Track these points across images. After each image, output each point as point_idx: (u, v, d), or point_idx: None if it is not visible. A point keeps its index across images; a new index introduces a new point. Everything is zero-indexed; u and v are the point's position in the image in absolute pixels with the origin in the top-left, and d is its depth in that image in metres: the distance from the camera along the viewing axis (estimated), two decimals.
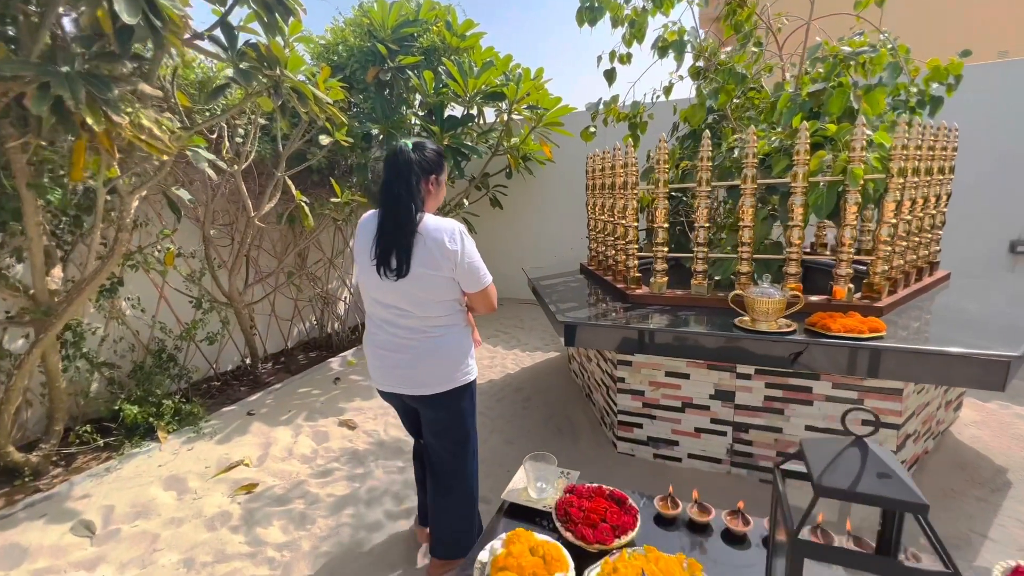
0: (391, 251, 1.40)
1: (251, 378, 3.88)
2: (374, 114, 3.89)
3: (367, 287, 1.53)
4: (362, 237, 1.51)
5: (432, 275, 1.43)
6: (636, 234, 2.49)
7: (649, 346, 2.02)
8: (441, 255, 1.42)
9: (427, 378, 1.51)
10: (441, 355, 1.52)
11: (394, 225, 1.40)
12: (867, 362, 1.68)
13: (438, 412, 1.57)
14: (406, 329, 1.50)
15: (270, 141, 3.45)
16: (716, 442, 2.31)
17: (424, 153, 1.47)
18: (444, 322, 1.52)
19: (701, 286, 2.30)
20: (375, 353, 1.57)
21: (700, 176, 2.23)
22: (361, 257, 1.50)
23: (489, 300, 1.58)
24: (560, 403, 3.17)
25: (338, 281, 4.96)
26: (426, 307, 1.48)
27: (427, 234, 1.42)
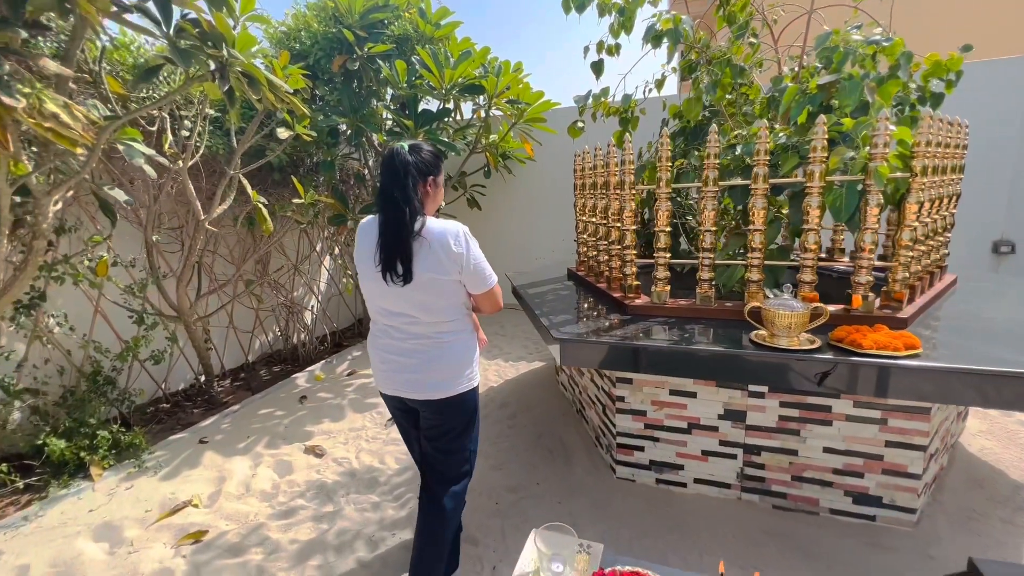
0: (395, 257, 1.37)
1: (206, 398, 3.50)
2: (341, 107, 3.56)
3: (372, 295, 1.50)
4: (363, 243, 1.47)
5: (439, 279, 1.41)
6: (634, 238, 2.27)
7: (658, 365, 1.80)
8: (447, 258, 1.40)
9: (435, 383, 1.49)
10: (449, 360, 1.50)
11: (396, 230, 1.37)
12: (906, 384, 1.50)
13: (442, 416, 1.55)
14: (413, 335, 1.48)
15: (223, 135, 3.08)
16: (725, 466, 2.12)
17: (421, 155, 1.44)
18: (452, 327, 1.51)
19: (707, 296, 2.10)
20: (381, 357, 1.54)
21: (706, 175, 2.02)
22: (363, 264, 1.47)
23: (495, 300, 1.57)
24: (549, 420, 2.93)
25: (304, 289, 4.60)
26: (434, 312, 1.46)
27: (431, 238, 1.39)
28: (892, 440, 1.85)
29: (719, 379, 1.94)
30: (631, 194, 2.23)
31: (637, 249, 2.30)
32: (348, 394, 3.51)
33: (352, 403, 3.36)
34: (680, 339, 1.83)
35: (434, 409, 1.53)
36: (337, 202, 3.71)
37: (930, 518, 1.95)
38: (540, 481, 2.36)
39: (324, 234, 4.58)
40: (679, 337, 1.85)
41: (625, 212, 2.25)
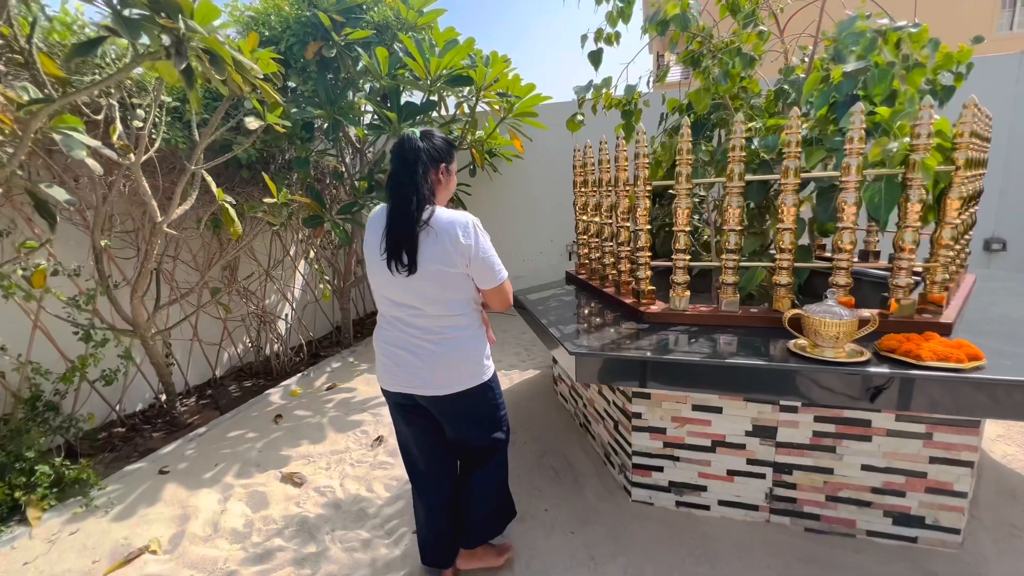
0: (401, 246, 1.33)
1: (167, 420, 3.15)
2: (316, 98, 3.27)
3: (377, 284, 1.46)
4: (371, 232, 1.43)
5: (446, 271, 1.37)
6: (648, 239, 2.08)
7: (693, 382, 1.61)
8: (455, 250, 1.36)
9: (443, 380, 1.45)
10: (458, 358, 1.46)
11: (403, 218, 1.33)
12: (975, 400, 1.34)
13: (454, 412, 1.52)
14: (420, 329, 1.43)
15: (182, 127, 2.76)
16: (753, 486, 1.94)
17: (432, 141, 1.41)
18: (460, 322, 1.46)
19: (732, 301, 1.92)
20: (386, 350, 1.49)
21: (731, 169, 1.84)
22: (371, 253, 1.43)
23: (505, 296, 1.52)
24: (551, 436, 2.72)
25: (277, 296, 4.26)
26: (440, 305, 1.42)
27: (439, 228, 1.34)
28: (937, 456, 1.70)
29: (760, 395, 1.76)
30: (645, 191, 2.03)
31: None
32: (328, 411, 3.22)
33: (333, 421, 3.07)
34: (712, 351, 1.64)
35: (445, 405, 1.49)
36: (313, 202, 3.41)
37: (972, 537, 1.82)
38: (548, 507, 2.15)
39: (298, 236, 4.25)
40: (711, 349, 1.66)
41: (639, 210, 2.06)
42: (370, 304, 5.66)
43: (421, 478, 1.67)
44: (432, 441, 1.62)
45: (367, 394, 3.45)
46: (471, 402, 1.51)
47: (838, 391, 1.48)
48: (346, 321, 4.57)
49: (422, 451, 1.62)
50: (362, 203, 3.70)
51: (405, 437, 1.64)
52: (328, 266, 4.60)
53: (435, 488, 1.66)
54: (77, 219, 2.73)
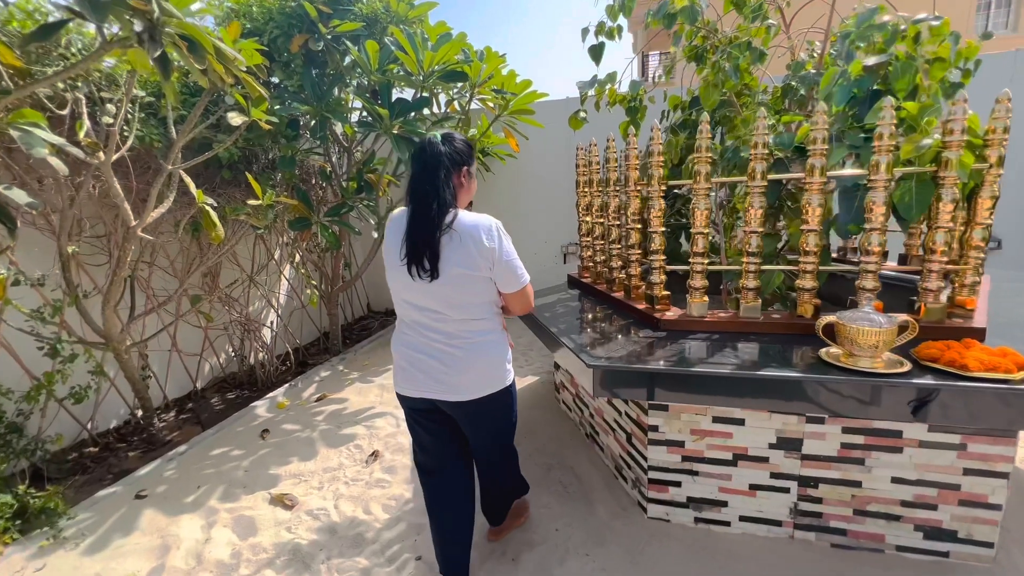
0: (423, 251, 1.31)
1: (144, 437, 2.95)
2: (302, 94, 3.09)
3: (397, 288, 1.44)
4: (391, 235, 1.41)
5: (469, 275, 1.35)
6: (663, 241, 1.97)
7: (721, 395, 1.50)
8: (479, 253, 1.34)
9: (467, 386, 1.44)
10: (480, 362, 1.44)
11: (425, 222, 1.31)
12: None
13: (477, 416, 1.51)
14: (442, 334, 1.41)
15: (158, 124, 2.57)
16: (776, 501, 1.85)
17: (454, 144, 1.40)
18: (482, 326, 1.44)
19: (754, 307, 1.82)
20: (405, 355, 1.47)
21: (753, 167, 1.74)
22: (390, 256, 1.41)
23: (527, 300, 1.52)
24: (557, 448, 2.60)
25: (261, 302, 4.06)
26: (462, 309, 1.40)
27: (463, 231, 1.33)
28: (972, 467, 1.63)
29: (795, 409, 1.65)
30: (660, 190, 1.92)
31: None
32: (318, 424, 3.05)
33: (324, 436, 2.90)
34: (741, 362, 1.54)
35: (468, 410, 1.47)
36: (299, 203, 3.24)
37: (1005, 550, 1.75)
38: (559, 527, 2.02)
39: (283, 240, 4.06)
40: (738, 360, 1.56)
41: (653, 211, 1.95)
42: (359, 309, 5.47)
43: (437, 487, 1.63)
44: (451, 447, 1.61)
45: (359, 405, 3.29)
46: (493, 407, 1.50)
47: (878, 405, 1.38)
48: (334, 327, 4.39)
49: (439, 458, 1.61)
50: (351, 204, 3.54)
51: (423, 443, 1.61)
52: (315, 270, 4.41)
53: (452, 497, 1.62)
54: (41, 223, 2.52)
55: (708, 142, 1.77)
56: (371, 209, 3.67)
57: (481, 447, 1.65)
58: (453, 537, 1.62)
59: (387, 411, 3.17)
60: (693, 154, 1.80)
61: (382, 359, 4.11)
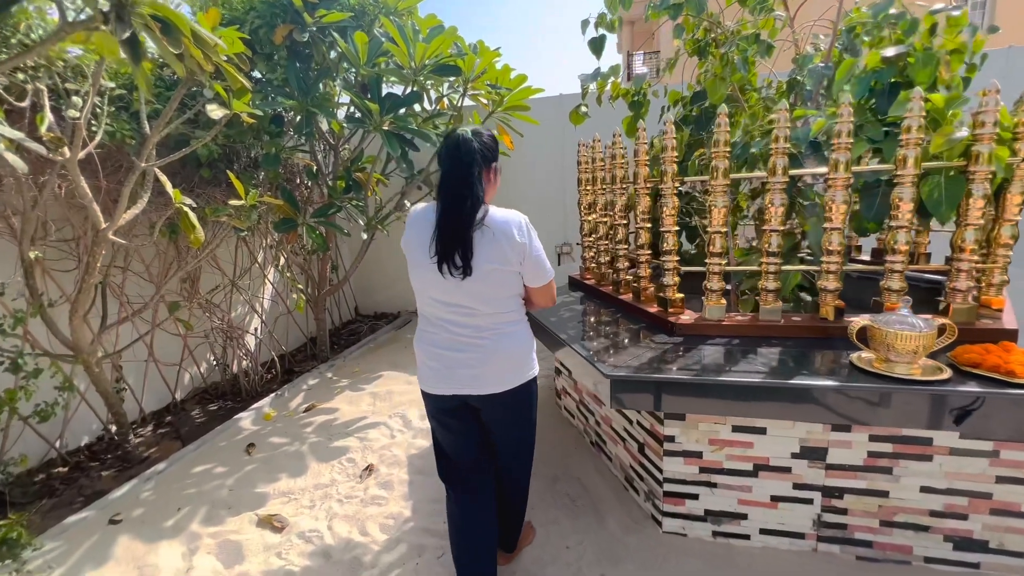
0: (455, 247, 1.30)
1: (119, 455, 2.76)
2: (286, 88, 2.93)
3: (424, 286, 1.41)
4: (415, 232, 1.39)
5: (501, 270, 1.36)
6: (676, 241, 1.87)
7: (751, 407, 1.40)
8: (511, 248, 1.35)
9: (498, 377, 1.44)
10: (511, 352, 1.45)
11: (458, 219, 1.30)
12: None
13: (507, 408, 1.50)
14: (472, 328, 1.41)
15: (130, 118, 2.39)
16: (799, 513, 1.76)
17: (483, 140, 1.38)
18: (512, 317, 1.46)
19: (774, 309, 1.73)
20: (432, 353, 1.45)
21: (773, 163, 1.65)
22: (416, 254, 1.39)
23: (552, 294, 1.53)
24: (560, 458, 2.48)
25: (245, 308, 3.87)
26: (493, 303, 1.40)
27: (495, 227, 1.33)
28: (1004, 475, 1.56)
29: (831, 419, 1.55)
30: (673, 187, 1.82)
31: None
32: (308, 437, 2.89)
33: (314, 449, 2.75)
34: (769, 370, 1.44)
35: (499, 403, 1.46)
36: (285, 204, 3.07)
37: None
38: (571, 544, 1.91)
39: (267, 242, 3.87)
40: (766, 367, 1.46)
41: (666, 209, 1.85)
42: (347, 313, 5.30)
43: (461, 487, 1.59)
44: (476, 446, 1.58)
45: (350, 415, 3.13)
46: (522, 398, 1.51)
47: (919, 414, 1.30)
48: (322, 332, 4.21)
49: (465, 456, 1.57)
50: (339, 204, 3.38)
51: (448, 446, 1.58)
52: (301, 274, 4.23)
53: (477, 498, 1.59)
54: (1, 227, 2.32)
55: (726, 135, 1.67)
56: (360, 209, 3.52)
57: (506, 444, 1.61)
58: (482, 555, 1.56)
59: (380, 421, 3.02)
60: (709, 148, 1.70)
61: (373, 365, 3.96)
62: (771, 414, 1.46)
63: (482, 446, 1.59)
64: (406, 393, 3.40)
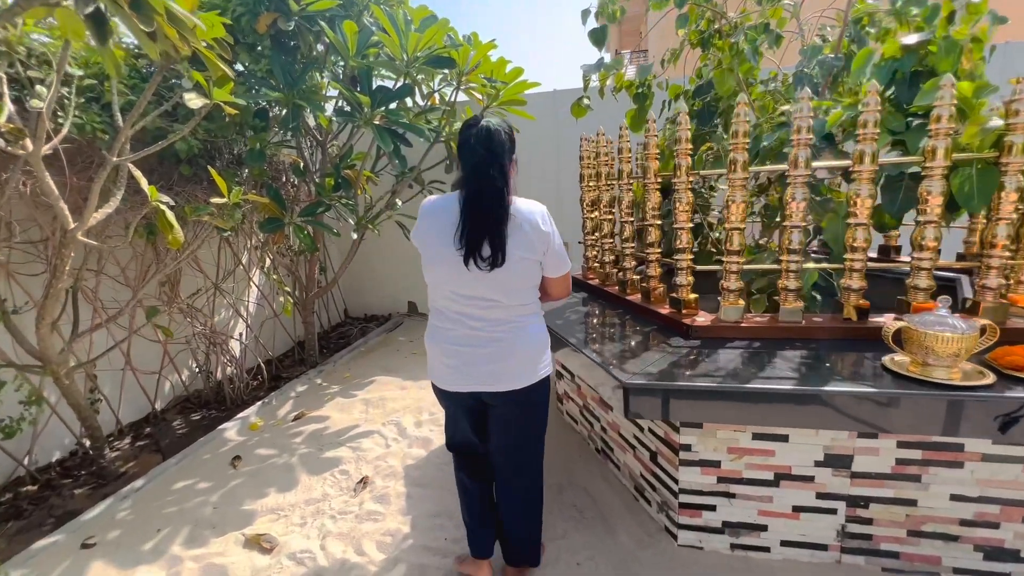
0: (482, 239, 1.27)
1: (93, 471, 2.58)
2: (271, 80, 2.78)
3: (445, 279, 1.36)
4: (433, 223, 1.34)
5: (529, 259, 1.34)
6: (691, 239, 1.77)
7: (781, 415, 1.31)
8: (537, 238, 1.34)
9: (517, 372, 1.41)
10: (530, 347, 1.42)
11: (488, 210, 1.27)
12: None
13: (522, 406, 1.47)
14: (492, 321, 1.38)
15: (101, 110, 2.22)
16: (822, 523, 1.67)
17: (507, 130, 1.36)
18: (532, 310, 1.45)
19: (795, 309, 1.65)
20: (450, 351, 1.41)
21: (795, 155, 1.56)
22: (435, 247, 1.34)
23: (568, 284, 1.53)
24: (565, 466, 2.38)
25: (229, 312, 3.70)
26: (517, 295, 1.38)
27: (521, 216, 1.31)
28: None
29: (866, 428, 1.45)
30: (688, 181, 1.72)
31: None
32: (297, 448, 2.74)
33: (305, 461, 2.60)
34: (799, 376, 1.35)
35: (516, 400, 1.43)
36: (271, 202, 2.92)
37: None
38: (581, 560, 1.80)
39: (251, 243, 3.70)
40: (796, 373, 1.37)
41: (680, 206, 1.75)
42: (336, 315, 5.13)
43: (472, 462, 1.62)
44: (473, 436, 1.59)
45: (342, 423, 2.99)
46: (538, 396, 1.47)
47: (961, 421, 1.22)
48: (310, 336, 4.05)
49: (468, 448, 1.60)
50: (328, 203, 3.23)
51: (464, 435, 1.58)
52: (288, 275, 4.06)
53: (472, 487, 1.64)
54: None
55: (745, 126, 1.57)
56: (350, 208, 3.37)
57: (518, 447, 1.55)
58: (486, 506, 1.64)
59: (374, 429, 2.89)
60: (718, 143, 1.60)
61: (364, 370, 3.81)
62: (802, 423, 1.37)
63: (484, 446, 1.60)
64: (399, 399, 3.26)
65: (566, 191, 4.59)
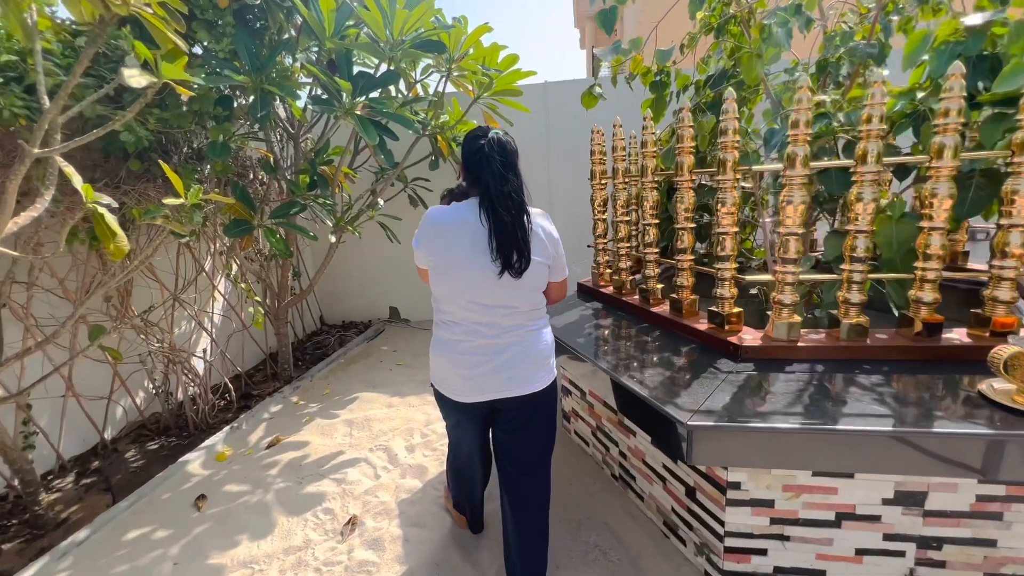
0: (514, 247, 1.28)
1: (27, 519, 2.20)
2: (235, 62, 2.42)
3: (464, 288, 1.33)
4: (451, 233, 1.31)
5: (543, 263, 1.37)
6: (735, 246, 1.55)
7: (879, 460, 1.09)
8: (550, 243, 1.39)
9: (534, 373, 1.41)
10: (541, 350, 1.43)
11: (514, 218, 1.28)
12: None
13: (537, 410, 1.45)
14: (507, 328, 1.38)
15: (24, 91, 1.84)
16: (888, 567, 1.48)
17: (514, 142, 1.39)
18: (541, 314, 1.47)
19: (860, 326, 1.44)
20: (466, 362, 1.38)
21: (864, 148, 1.35)
22: (458, 257, 1.30)
23: (566, 288, 1.57)
24: (580, 497, 2.13)
25: (191, 324, 3.30)
26: (531, 300, 1.40)
27: (536, 223, 1.36)
28: None
29: (976, 474, 1.25)
30: (735, 179, 1.49)
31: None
32: (273, 482, 2.41)
33: (282, 498, 2.28)
34: (894, 413, 1.13)
35: (531, 404, 1.43)
36: (237, 203, 2.57)
37: None
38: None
39: (215, 248, 3.31)
40: (884, 405, 1.16)
41: (724, 207, 1.52)
42: (311, 323, 4.75)
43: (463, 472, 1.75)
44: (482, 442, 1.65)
45: (324, 450, 2.67)
46: (551, 398, 1.48)
47: None
48: (284, 348, 3.69)
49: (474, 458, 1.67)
50: (303, 203, 2.89)
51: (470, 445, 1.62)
52: (258, 282, 3.69)
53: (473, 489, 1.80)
54: None
55: (808, 115, 1.35)
56: (327, 209, 3.04)
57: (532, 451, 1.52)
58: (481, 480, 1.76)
59: (360, 457, 2.58)
60: (792, 131, 1.37)
61: (345, 385, 3.48)
62: (904, 468, 1.16)
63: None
64: (387, 419, 2.96)
65: (559, 191, 4.35)
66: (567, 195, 4.32)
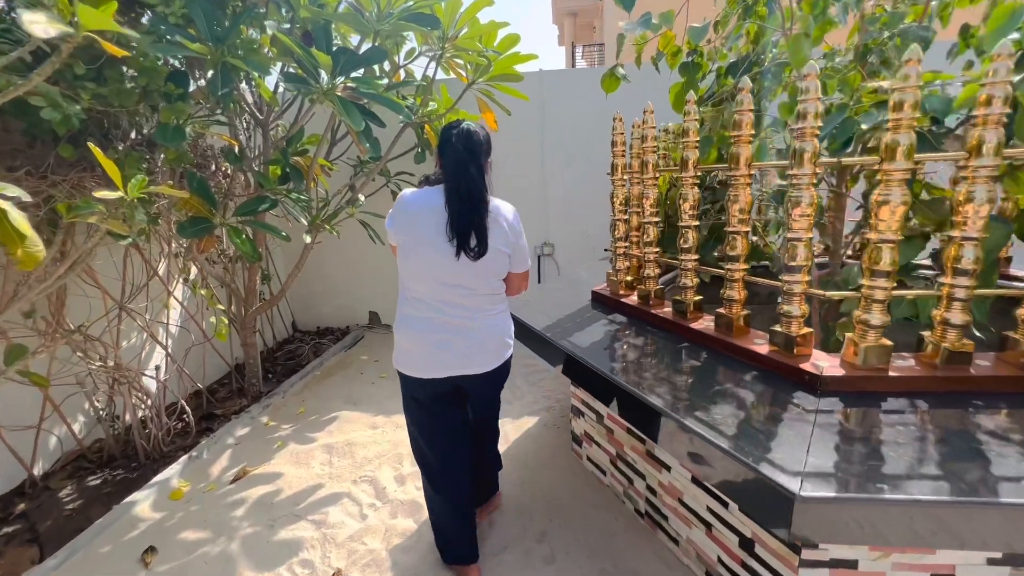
0: (471, 230, 1.39)
1: None
2: (191, 30, 2.03)
3: (426, 267, 1.45)
4: (418, 214, 1.43)
5: (502, 251, 1.47)
6: (809, 254, 1.29)
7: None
8: (511, 232, 1.49)
9: (489, 355, 1.54)
10: (501, 329, 1.57)
11: (476, 205, 1.40)
12: None
13: (492, 382, 1.60)
14: (469, 309, 1.49)
15: None
16: None
17: (484, 134, 1.50)
18: (500, 298, 1.58)
19: (963, 351, 1.20)
20: (428, 338, 1.49)
21: (979, 137, 1.10)
22: (422, 235, 1.42)
23: (527, 281, 1.66)
24: (600, 537, 1.86)
25: (142, 336, 2.88)
26: (490, 283, 1.50)
27: (497, 212, 1.46)
28: None
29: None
30: (813, 175, 1.23)
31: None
32: (239, 526, 2.05)
33: (250, 547, 1.92)
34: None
35: (487, 379, 1.56)
36: (194, 197, 2.18)
37: None
38: None
39: (170, 249, 2.89)
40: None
41: (798, 209, 1.25)
42: (282, 330, 4.33)
43: (443, 476, 1.66)
44: (458, 432, 1.65)
45: (299, 483, 2.31)
46: (504, 372, 1.61)
47: None
48: (252, 360, 3.28)
49: (448, 446, 1.63)
50: (273, 198, 2.51)
51: (431, 434, 1.63)
52: (221, 287, 3.27)
53: (457, 484, 1.67)
54: None
55: (916, 97, 1.10)
56: (302, 205, 2.67)
57: (487, 410, 1.84)
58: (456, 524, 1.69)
59: (342, 491, 2.24)
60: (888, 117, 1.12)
61: (322, 402, 3.11)
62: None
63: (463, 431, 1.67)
64: (371, 443, 2.62)
65: (554, 187, 4.06)
66: (563, 192, 4.04)
